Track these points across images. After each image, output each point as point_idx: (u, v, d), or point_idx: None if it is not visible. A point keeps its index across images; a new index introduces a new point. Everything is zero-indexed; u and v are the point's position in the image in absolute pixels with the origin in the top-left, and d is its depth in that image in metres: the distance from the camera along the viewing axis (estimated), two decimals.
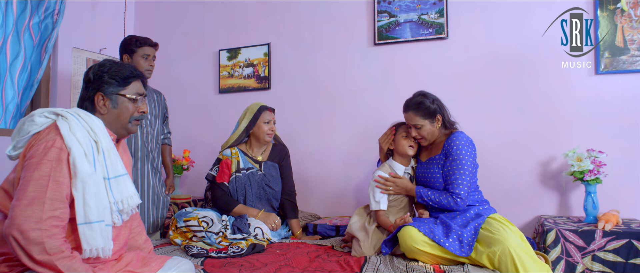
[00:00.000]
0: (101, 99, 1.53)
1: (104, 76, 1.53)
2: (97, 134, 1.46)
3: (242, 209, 2.50)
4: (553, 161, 2.70)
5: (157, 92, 2.84)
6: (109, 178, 1.45)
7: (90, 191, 1.37)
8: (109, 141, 1.49)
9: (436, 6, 2.96)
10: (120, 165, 1.51)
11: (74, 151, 1.37)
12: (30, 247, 1.25)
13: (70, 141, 1.37)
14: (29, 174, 1.32)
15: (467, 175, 2.07)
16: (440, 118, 2.19)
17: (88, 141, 1.42)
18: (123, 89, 1.56)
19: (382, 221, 2.21)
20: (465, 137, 2.14)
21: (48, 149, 1.35)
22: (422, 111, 2.17)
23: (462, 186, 2.07)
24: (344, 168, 3.19)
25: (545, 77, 2.73)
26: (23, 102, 2.86)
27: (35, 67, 2.88)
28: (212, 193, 2.61)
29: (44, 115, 1.45)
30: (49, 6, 2.92)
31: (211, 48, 3.63)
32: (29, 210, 1.27)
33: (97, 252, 1.38)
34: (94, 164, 1.41)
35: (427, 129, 2.19)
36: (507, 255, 1.78)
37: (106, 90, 1.53)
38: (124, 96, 1.56)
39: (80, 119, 1.45)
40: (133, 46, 2.60)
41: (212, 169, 2.63)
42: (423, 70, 2.98)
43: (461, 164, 2.08)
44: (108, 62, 1.57)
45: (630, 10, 2.59)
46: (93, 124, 1.47)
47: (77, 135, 1.40)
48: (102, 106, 1.53)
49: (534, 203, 2.73)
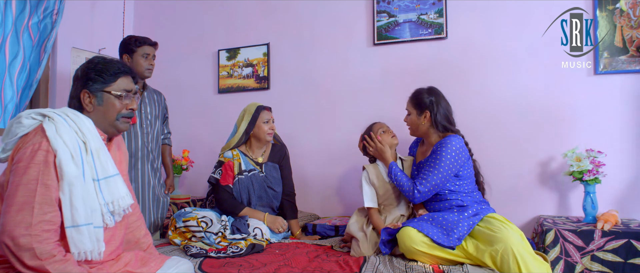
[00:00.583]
0: (87, 96, 1.50)
1: (90, 73, 1.50)
2: (85, 135, 1.42)
3: (248, 212, 2.50)
4: (552, 161, 2.70)
5: (157, 93, 2.84)
6: (99, 179, 1.43)
7: (77, 193, 1.35)
8: (98, 141, 1.46)
9: (435, 6, 2.96)
10: (110, 166, 1.47)
11: (60, 154, 1.34)
12: (21, 253, 1.24)
13: (56, 143, 1.35)
14: (17, 179, 1.31)
15: (436, 175, 2.10)
16: (427, 115, 2.23)
17: (75, 142, 1.39)
18: (108, 86, 1.51)
19: (374, 221, 2.23)
20: (455, 142, 2.14)
21: (35, 152, 1.33)
22: (415, 100, 2.29)
23: (426, 183, 2.11)
24: (343, 167, 3.18)
25: (545, 78, 2.73)
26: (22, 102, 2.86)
27: (34, 67, 2.88)
28: (217, 196, 2.59)
29: (31, 116, 1.42)
30: (48, 6, 2.91)
31: (210, 48, 3.63)
32: (19, 215, 1.26)
33: (86, 255, 1.36)
34: (82, 166, 1.38)
35: (411, 119, 2.31)
36: (509, 254, 1.78)
37: (91, 87, 1.50)
38: (109, 92, 1.51)
39: (68, 119, 1.42)
40: (133, 45, 2.61)
41: (215, 172, 2.60)
42: (422, 70, 2.98)
43: (436, 164, 2.11)
44: (97, 59, 1.54)
45: (629, 10, 2.59)
46: (81, 124, 1.44)
47: (64, 137, 1.37)
48: (88, 104, 1.50)
49: (533, 203, 2.73)
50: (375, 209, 2.30)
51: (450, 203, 2.15)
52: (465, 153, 2.17)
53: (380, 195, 2.32)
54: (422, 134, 2.30)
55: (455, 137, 2.17)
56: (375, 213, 2.29)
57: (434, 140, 2.25)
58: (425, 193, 2.12)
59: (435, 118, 2.22)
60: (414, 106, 2.28)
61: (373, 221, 2.25)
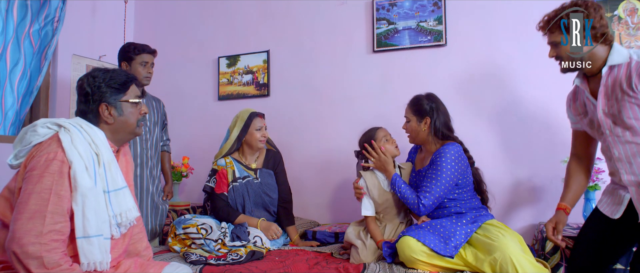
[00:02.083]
0: (106, 109, 1.52)
1: (102, 86, 1.52)
2: (99, 147, 1.45)
3: (243, 219, 2.49)
4: (552, 168, 2.70)
5: (156, 99, 2.84)
6: (109, 192, 1.45)
7: (90, 205, 1.37)
8: (110, 154, 1.49)
9: (435, 13, 2.97)
10: (120, 178, 1.50)
11: (75, 165, 1.36)
12: (28, 261, 1.25)
13: (71, 154, 1.37)
14: (31, 187, 1.31)
15: (439, 186, 2.08)
16: (427, 121, 2.22)
17: (89, 153, 1.42)
18: (124, 95, 1.55)
19: (372, 230, 2.22)
20: (455, 150, 2.13)
21: (50, 161, 1.34)
22: (415, 106, 2.27)
23: (430, 195, 2.08)
24: (344, 174, 3.18)
25: (543, 85, 2.73)
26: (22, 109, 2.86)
27: (34, 74, 2.89)
28: (213, 204, 2.59)
29: (46, 126, 1.45)
30: (49, 13, 2.93)
31: (210, 55, 3.65)
32: (30, 223, 1.27)
33: (95, 266, 1.38)
34: (95, 178, 1.40)
35: (411, 126, 2.27)
36: (508, 262, 1.78)
37: (109, 99, 1.52)
38: (127, 101, 1.56)
39: (82, 131, 1.44)
40: (131, 53, 2.61)
41: (210, 181, 2.60)
42: (422, 77, 2.99)
43: (438, 175, 2.09)
44: (98, 73, 1.55)
45: (627, 17, 2.61)
46: (95, 136, 1.46)
47: (79, 148, 1.39)
48: (108, 116, 1.52)
49: (533, 210, 2.73)
50: (372, 217, 2.28)
51: (449, 210, 2.15)
52: (465, 161, 2.16)
53: (379, 204, 2.28)
54: (422, 141, 2.29)
55: (453, 145, 2.15)
56: (373, 221, 2.26)
57: (433, 148, 2.23)
58: (429, 206, 2.10)
59: (435, 124, 2.21)
60: (413, 113, 2.26)
61: (370, 230, 2.23)
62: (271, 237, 2.45)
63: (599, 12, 1.76)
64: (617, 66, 1.74)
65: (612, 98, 1.74)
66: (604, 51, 1.77)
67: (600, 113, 1.78)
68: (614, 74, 1.74)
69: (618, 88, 1.71)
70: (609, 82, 1.75)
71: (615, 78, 1.73)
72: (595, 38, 1.75)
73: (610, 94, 1.75)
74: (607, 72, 1.76)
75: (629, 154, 1.74)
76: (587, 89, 1.85)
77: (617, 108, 1.72)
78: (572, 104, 2.01)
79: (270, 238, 2.44)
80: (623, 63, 1.72)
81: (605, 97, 1.76)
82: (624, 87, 1.69)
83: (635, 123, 1.70)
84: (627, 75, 1.69)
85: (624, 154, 1.75)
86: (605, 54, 1.77)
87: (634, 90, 1.67)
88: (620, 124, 1.73)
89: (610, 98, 1.75)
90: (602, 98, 1.77)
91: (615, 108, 1.73)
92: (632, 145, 1.72)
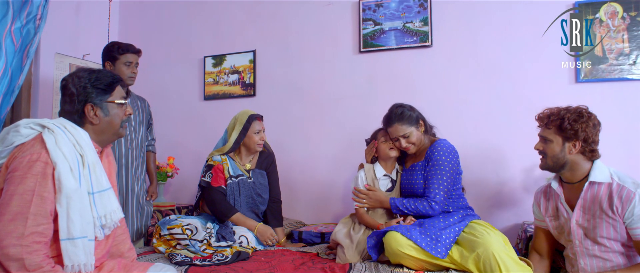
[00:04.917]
0: (91, 109, 1.51)
1: (87, 87, 1.50)
2: (83, 148, 1.43)
3: (239, 218, 2.47)
4: (536, 168, 2.72)
5: (141, 99, 2.81)
6: (94, 193, 1.44)
7: (74, 206, 1.35)
8: (94, 155, 1.48)
9: (421, 15, 2.99)
10: (104, 179, 1.49)
11: (60, 166, 1.34)
12: (8, 263, 1.23)
13: (56, 155, 1.35)
14: (13, 188, 1.29)
15: (444, 180, 2.12)
16: (422, 123, 2.28)
17: (74, 155, 1.40)
18: (110, 95, 1.54)
19: (366, 220, 2.23)
20: (447, 144, 2.20)
21: (33, 162, 1.32)
22: (406, 120, 2.24)
23: (438, 191, 2.11)
24: (330, 175, 3.19)
25: (528, 85, 2.77)
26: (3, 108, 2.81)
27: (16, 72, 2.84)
28: (209, 197, 2.53)
29: (29, 126, 1.42)
30: (31, 11, 2.88)
31: (196, 55, 3.62)
32: (11, 225, 1.25)
33: (79, 268, 1.36)
34: (79, 179, 1.39)
35: (415, 136, 2.25)
36: (490, 258, 1.80)
37: (95, 100, 1.51)
38: (113, 102, 1.55)
39: (66, 131, 1.42)
40: (115, 52, 2.58)
41: (205, 176, 2.56)
42: (407, 78, 3.01)
43: (440, 170, 2.13)
44: (84, 73, 1.54)
45: (608, 20, 2.65)
46: (79, 138, 1.44)
47: (63, 149, 1.37)
48: (94, 116, 1.51)
49: (517, 209, 2.76)
50: (363, 210, 2.30)
51: None
52: (457, 153, 2.22)
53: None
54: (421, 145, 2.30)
55: (444, 141, 2.24)
56: (365, 213, 2.28)
57: (424, 146, 2.28)
58: (441, 201, 2.12)
59: (426, 124, 2.31)
60: (410, 125, 2.25)
61: (364, 221, 2.25)
62: (265, 243, 2.44)
63: (597, 128, 1.85)
64: (598, 183, 1.81)
65: (589, 213, 1.82)
66: (587, 165, 1.85)
67: (573, 223, 1.86)
68: (594, 190, 1.81)
69: (597, 206, 1.79)
70: (588, 196, 1.82)
71: (595, 195, 1.80)
72: (584, 151, 1.83)
73: (588, 208, 1.82)
74: (588, 187, 1.82)
75: (594, 268, 1.83)
76: (562, 195, 1.92)
77: (593, 224, 1.80)
78: (542, 202, 2.05)
79: (265, 244, 2.44)
80: (604, 182, 1.80)
81: (581, 209, 1.84)
82: (603, 207, 1.77)
83: (608, 241, 1.78)
84: (609, 196, 1.77)
85: (590, 266, 1.84)
86: (587, 169, 1.84)
87: (614, 212, 1.74)
88: (592, 238, 1.82)
89: (586, 212, 1.83)
90: (578, 210, 1.85)
91: (591, 223, 1.81)
92: (600, 260, 1.81)
